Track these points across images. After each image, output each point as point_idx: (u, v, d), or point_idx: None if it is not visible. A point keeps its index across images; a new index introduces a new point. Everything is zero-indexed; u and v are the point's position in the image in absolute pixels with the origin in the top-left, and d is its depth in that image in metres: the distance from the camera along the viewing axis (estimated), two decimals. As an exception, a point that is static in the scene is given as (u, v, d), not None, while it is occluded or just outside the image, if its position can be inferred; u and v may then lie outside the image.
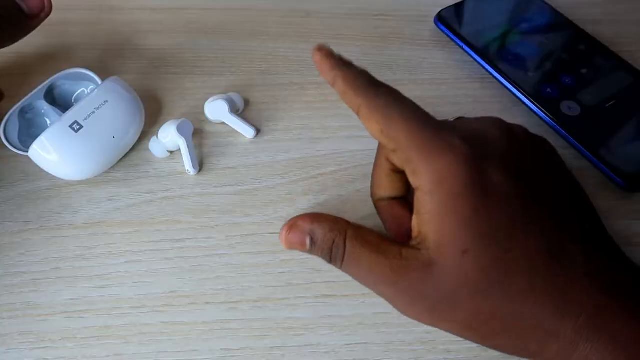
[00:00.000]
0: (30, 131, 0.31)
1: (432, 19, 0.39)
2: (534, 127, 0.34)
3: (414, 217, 0.22)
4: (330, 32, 0.40)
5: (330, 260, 0.23)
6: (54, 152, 0.28)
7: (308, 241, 0.23)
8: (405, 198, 0.26)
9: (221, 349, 0.26)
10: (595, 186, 0.32)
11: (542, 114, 0.34)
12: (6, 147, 0.29)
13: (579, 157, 0.32)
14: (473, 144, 0.21)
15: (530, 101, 0.34)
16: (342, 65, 0.23)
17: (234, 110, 0.34)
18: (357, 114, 0.22)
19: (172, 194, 0.31)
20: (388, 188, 0.26)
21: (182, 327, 0.26)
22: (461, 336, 0.22)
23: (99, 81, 0.32)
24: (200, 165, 0.32)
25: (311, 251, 0.23)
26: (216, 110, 0.33)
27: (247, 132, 0.33)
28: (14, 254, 0.29)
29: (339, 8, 0.42)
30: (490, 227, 0.20)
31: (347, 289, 0.28)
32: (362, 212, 0.30)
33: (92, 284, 0.28)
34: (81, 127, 0.29)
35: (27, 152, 0.29)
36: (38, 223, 0.30)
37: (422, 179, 0.20)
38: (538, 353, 0.21)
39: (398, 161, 0.22)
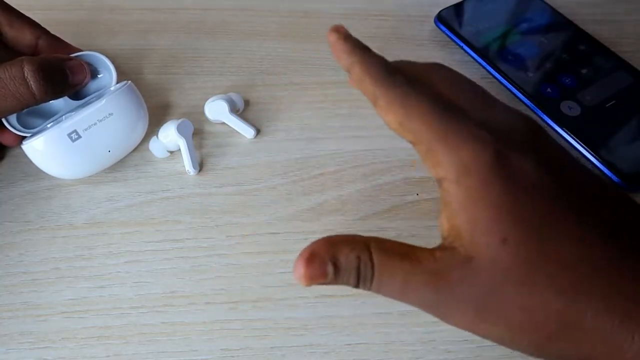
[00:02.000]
0: (32, 110, 0.30)
1: (432, 19, 0.39)
2: (534, 127, 0.34)
3: (442, 215, 0.20)
4: (330, 32, 0.40)
5: (358, 282, 0.20)
6: (47, 154, 0.29)
7: (330, 270, 0.20)
8: None
9: (221, 349, 0.26)
10: (596, 186, 0.32)
11: (542, 114, 0.34)
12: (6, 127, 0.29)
13: (579, 157, 0.32)
14: (499, 134, 0.20)
15: (530, 101, 0.34)
16: (360, 49, 0.21)
17: (234, 110, 0.34)
18: (374, 104, 0.21)
19: (172, 194, 0.31)
20: None
21: (182, 327, 0.26)
22: (516, 345, 0.19)
23: (113, 69, 0.31)
24: (200, 165, 0.32)
25: (335, 280, 0.20)
26: (216, 110, 0.33)
27: (247, 132, 0.33)
28: (14, 254, 0.29)
29: (339, 8, 0.42)
30: (527, 213, 0.18)
31: (347, 289, 0.27)
32: (362, 212, 0.30)
33: (92, 284, 0.28)
34: (79, 137, 0.29)
35: (25, 132, 0.29)
36: (38, 223, 0.30)
37: (447, 169, 0.19)
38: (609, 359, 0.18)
39: (419, 154, 0.21)
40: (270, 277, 0.28)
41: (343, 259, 0.20)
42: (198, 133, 0.34)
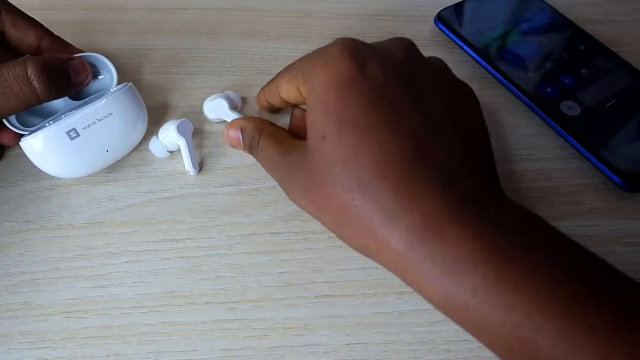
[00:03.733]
0: (32, 109, 0.30)
1: (432, 19, 0.39)
2: (534, 127, 0.34)
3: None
4: (330, 32, 0.40)
5: (251, 151, 0.29)
6: (45, 152, 0.28)
7: (241, 137, 0.29)
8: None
9: (221, 349, 0.26)
10: (595, 186, 0.32)
11: (542, 114, 0.34)
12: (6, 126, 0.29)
13: (579, 157, 0.32)
14: (362, 46, 0.24)
15: (530, 101, 0.34)
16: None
17: (233, 107, 0.34)
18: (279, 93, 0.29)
19: (172, 194, 0.31)
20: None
21: (182, 327, 0.26)
22: (319, 219, 0.24)
23: (114, 71, 0.31)
24: (200, 165, 0.32)
25: (243, 146, 0.30)
26: (216, 108, 0.33)
27: None
28: (13, 253, 0.29)
29: (339, 8, 0.42)
30: (351, 115, 0.22)
31: (347, 289, 0.28)
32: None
33: (92, 284, 0.28)
34: (78, 135, 0.29)
35: (24, 130, 0.29)
36: (38, 223, 0.30)
37: (310, 82, 0.24)
38: (377, 254, 0.22)
39: (298, 91, 0.26)
40: (270, 277, 0.28)
41: (247, 133, 0.29)
42: (198, 133, 0.34)
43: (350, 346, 0.26)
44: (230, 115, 0.33)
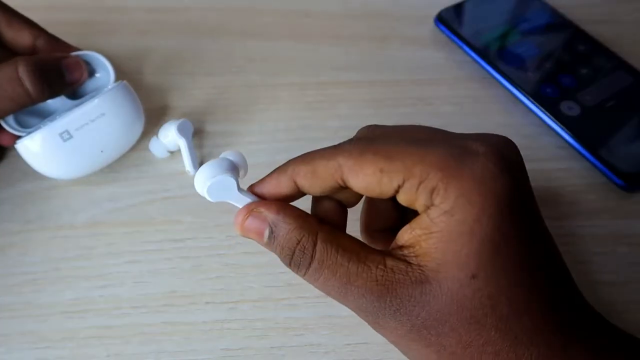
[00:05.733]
0: (29, 109, 0.30)
1: (432, 19, 0.39)
2: (534, 127, 0.34)
3: (409, 229, 0.19)
4: (330, 32, 0.40)
5: (290, 264, 0.20)
6: (39, 153, 0.29)
7: (267, 233, 0.20)
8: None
9: (221, 349, 0.26)
10: (595, 186, 0.32)
11: (542, 114, 0.34)
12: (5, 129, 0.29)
13: (578, 157, 0.32)
14: (514, 156, 0.19)
15: (530, 101, 0.34)
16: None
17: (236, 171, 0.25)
18: (342, 175, 0.20)
19: (172, 194, 0.31)
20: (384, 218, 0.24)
21: (182, 327, 0.26)
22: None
23: (111, 69, 0.31)
24: (200, 165, 0.32)
25: (268, 246, 0.20)
26: (219, 189, 0.22)
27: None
28: (14, 253, 0.29)
29: (339, 8, 0.42)
30: (503, 258, 0.18)
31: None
32: (362, 212, 0.30)
33: (92, 284, 0.28)
34: (71, 137, 0.29)
35: (21, 131, 0.29)
36: (38, 223, 0.30)
37: (444, 199, 0.18)
38: None
39: (405, 195, 0.19)
40: (270, 277, 0.28)
41: (283, 232, 0.20)
42: (198, 133, 0.34)
43: (350, 346, 0.26)
44: (241, 199, 0.22)
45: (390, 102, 0.36)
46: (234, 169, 0.22)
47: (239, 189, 0.22)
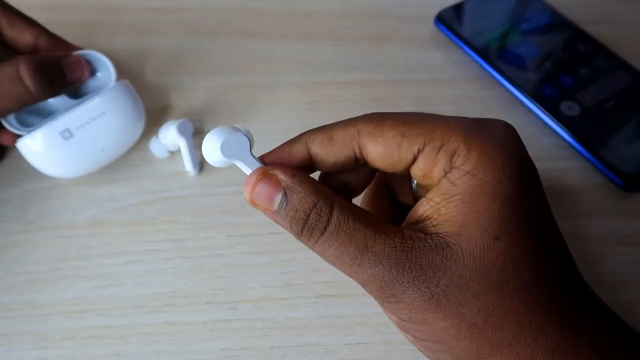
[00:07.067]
0: (31, 109, 0.31)
1: (432, 19, 0.39)
2: (534, 127, 0.34)
3: (425, 201, 0.19)
4: (330, 32, 0.40)
5: (302, 230, 0.19)
6: (39, 152, 0.29)
7: (278, 198, 0.19)
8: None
9: (221, 349, 0.26)
10: (595, 186, 0.32)
11: (542, 114, 0.34)
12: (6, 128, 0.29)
13: (578, 157, 0.32)
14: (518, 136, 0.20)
15: (530, 101, 0.34)
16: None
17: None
18: (359, 142, 0.20)
19: (172, 194, 0.31)
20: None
21: (182, 327, 0.26)
22: (460, 340, 0.18)
23: (112, 68, 0.31)
24: (200, 165, 0.32)
25: (278, 213, 0.19)
26: (231, 147, 0.22)
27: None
28: (15, 253, 0.29)
29: (339, 8, 0.42)
30: (524, 221, 0.18)
31: (346, 288, 0.28)
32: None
33: (92, 283, 0.28)
34: (72, 135, 0.29)
35: (22, 131, 0.29)
36: (39, 223, 0.30)
37: (466, 158, 0.18)
38: None
39: (423, 161, 0.19)
40: (270, 277, 0.28)
41: (298, 197, 0.18)
42: (198, 133, 0.34)
43: (350, 346, 0.26)
44: (253, 162, 0.21)
45: (390, 102, 0.36)
46: (247, 135, 0.22)
47: (251, 152, 0.21)
